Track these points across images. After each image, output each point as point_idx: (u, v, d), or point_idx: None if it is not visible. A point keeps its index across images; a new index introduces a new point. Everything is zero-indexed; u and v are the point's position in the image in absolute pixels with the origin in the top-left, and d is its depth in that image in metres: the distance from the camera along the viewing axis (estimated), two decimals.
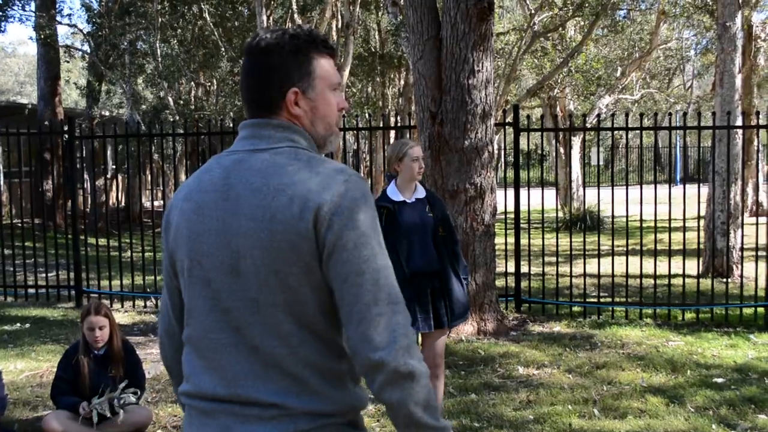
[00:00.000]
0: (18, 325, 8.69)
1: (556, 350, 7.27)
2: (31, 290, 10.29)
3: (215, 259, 1.80)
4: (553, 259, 11.07)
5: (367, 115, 15.93)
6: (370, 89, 31.60)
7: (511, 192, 8.89)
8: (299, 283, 1.75)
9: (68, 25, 21.49)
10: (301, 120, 1.91)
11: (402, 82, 28.49)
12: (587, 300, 9.05)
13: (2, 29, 19.00)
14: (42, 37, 19.20)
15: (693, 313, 8.67)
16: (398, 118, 10.18)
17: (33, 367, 6.85)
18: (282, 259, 1.74)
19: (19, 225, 15.71)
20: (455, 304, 4.81)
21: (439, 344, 4.92)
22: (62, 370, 5.05)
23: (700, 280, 9.40)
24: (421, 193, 4.89)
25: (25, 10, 19.61)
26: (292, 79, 1.88)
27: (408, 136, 10.43)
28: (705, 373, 6.53)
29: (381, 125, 9.13)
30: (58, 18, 20.66)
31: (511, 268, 9.21)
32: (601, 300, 9.21)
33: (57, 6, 20.64)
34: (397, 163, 4.85)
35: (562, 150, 19.27)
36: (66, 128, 9.99)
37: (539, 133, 11.23)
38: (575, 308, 8.91)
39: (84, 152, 10.96)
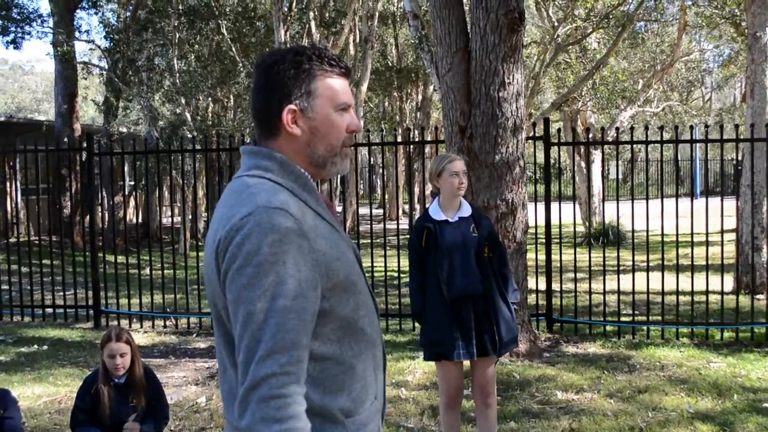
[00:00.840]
0: (35, 346, 8.46)
1: (594, 373, 6.96)
2: (49, 310, 10.07)
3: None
4: (580, 276, 10.79)
5: (384, 129, 15.84)
6: (387, 104, 31.45)
7: (538, 206, 8.63)
8: (226, 317, 1.80)
9: (86, 41, 21.46)
10: (298, 139, 1.90)
11: (420, 96, 28.31)
12: (621, 319, 8.75)
13: (19, 46, 18.86)
14: (59, 53, 19.11)
15: (732, 333, 8.34)
16: (415, 132, 9.91)
17: (51, 393, 6.60)
18: (211, 291, 1.82)
19: (37, 242, 15.58)
20: (502, 331, 4.48)
21: (488, 373, 4.59)
22: (81, 400, 4.79)
23: (732, 297, 9.08)
24: (466, 210, 4.58)
25: (42, 27, 19.52)
26: (290, 97, 1.88)
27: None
28: (753, 397, 6.22)
29: (400, 140, 8.87)
30: (77, 34, 20.62)
31: (541, 286, 8.94)
32: (636, 318, 8.89)
33: (75, 22, 20.59)
34: (436, 178, 4.58)
35: (583, 164, 18.97)
36: (85, 145, 9.83)
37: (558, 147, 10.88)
38: (609, 327, 8.60)
39: (102, 169, 10.81)
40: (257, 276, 1.68)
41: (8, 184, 13.56)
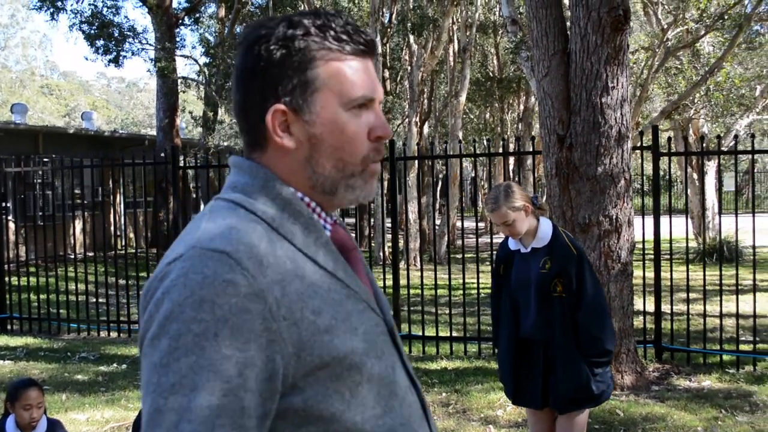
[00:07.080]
0: (114, 365, 8.22)
1: (710, 412, 6.16)
2: (135, 326, 9.92)
3: None
4: (693, 296, 9.91)
5: (490, 140, 15.38)
6: (488, 115, 30.80)
7: (647, 221, 7.90)
8: None
9: (183, 56, 21.72)
10: (292, 154, 1.28)
11: (521, 107, 27.59)
12: (740, 348, 7.88)
13: (120, 64, 19.21)
14: (159, 69, 19.40)
15: None
16: (519, 143, 9.30)
17: (120, 417, 6.27)
18: None
19: (139, 255, 15.67)
20: (562, 385, 3.75)
21: (562, 429, 3.86)
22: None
23: None
24: (542, 240, 3.85)
25: (142, 44, 19.83)
26: (277, 91, 1.26)
27: (532, 162, 9.58)
28: None
29: (500, 151, 8.31)
30: (177, 51, 20.91)
31: (649, 307, 8.17)
32: (758, 347, 8.00)
33: (175, 39, 20.87)
34: None
35: (695, 175, 17.83)
36: (172, 159, 9.66)
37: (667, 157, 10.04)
38: (726, 357, 7.73)
39: (198, 182, 10.67)
40: (173, 353, 1.10)
41: (111, 197, 13.76)
